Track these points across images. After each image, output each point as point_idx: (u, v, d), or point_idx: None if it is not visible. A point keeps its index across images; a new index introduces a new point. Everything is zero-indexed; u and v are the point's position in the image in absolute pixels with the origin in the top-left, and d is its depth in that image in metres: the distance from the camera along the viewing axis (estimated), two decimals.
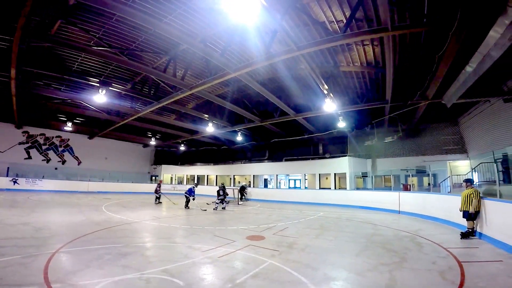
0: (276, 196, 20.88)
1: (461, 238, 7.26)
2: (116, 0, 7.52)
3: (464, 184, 7.87)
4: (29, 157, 22.71)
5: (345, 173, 18.86)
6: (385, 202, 14.66)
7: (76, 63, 13.21)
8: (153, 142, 27.13)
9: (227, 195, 15.46)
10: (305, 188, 22.48)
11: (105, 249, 5.43)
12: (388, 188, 16.73)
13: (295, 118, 16.83)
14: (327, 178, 21.06)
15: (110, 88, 14.10)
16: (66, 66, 13.17)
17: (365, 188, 18.68)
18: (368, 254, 5.86)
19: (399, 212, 13.60)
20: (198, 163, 30.16)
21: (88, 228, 7.63)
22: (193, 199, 14.59)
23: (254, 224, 9.91)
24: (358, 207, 15.92)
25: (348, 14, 8.65)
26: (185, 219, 10.94)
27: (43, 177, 21.82)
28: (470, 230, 7.27)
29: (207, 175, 29.19)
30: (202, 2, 8.63)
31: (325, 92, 12.59)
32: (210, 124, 18.75)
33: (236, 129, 20.50)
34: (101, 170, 26.66)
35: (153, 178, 31.03)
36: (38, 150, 23.31)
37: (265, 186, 26.19)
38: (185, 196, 14.62)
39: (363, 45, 10.84)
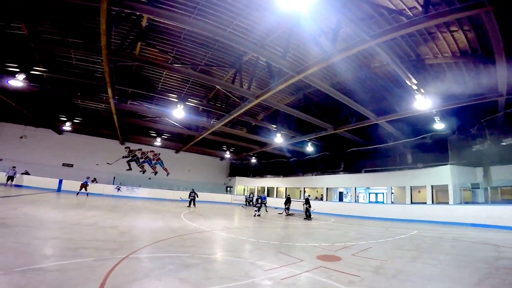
0: (354, 211, 18.77)
1: None
2: (181, 13, 7.99)
3: None
4: (130, 169, 26.99)
5: (446, 185, 15.48)
6: (509, 219, 11.51)
7: (160, 83, 14.94)
8: (227, 155, 28.85)
9: (262, 204, 16.71)
10: (392, 202, 19.46)
11: (170, 258, 5.36)
12: None
13: (377, 122, 14.76)
14: (419, 192, 17.75)
15: (188, 103, 15.40)
16: (152, 86, 14.98)
17: (475, 202, 14.91)
18: (495, 284, 4.32)
19: None
20: (268, 175, 30.27)
21: (164, 235, 7.93)
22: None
23: (327, 241, 8.70)
24: (465, 225, 12.95)
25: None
26: (253, 231, 10.55)
27: (139, 186, 25.29)
28: None
29: (277, 187, 29.04)
30: (259, 7, 8.50)
31: (414, 87, 10.58)
32: (279, 135, 18.34)
33: (305, 139, 19.52)
34: (185, 180, 29.43)
35: (228, 188, 32.61)
36: (136, 163, 27.54)
37: (340, 199, 24.02)
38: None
39: (451, 31, 8.84)
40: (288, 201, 17.72)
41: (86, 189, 20.01)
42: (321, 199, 23.31)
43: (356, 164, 21.88)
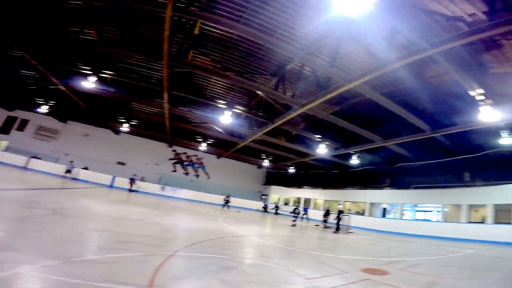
0: (398, 228, 17.83)
1: None
2: (230, 18, 8.29)
3: None
4: (175, 170, 28.41)
5: (510, 204, 13.72)
6: None
7: (207, 90, 15.65)
8: (266, 163, 28.70)
9: (298, 214, 17.03)
10: (444, 221, 17.73)
11: (211, 259, 5.49)
12: None
13: (433, 135, 13.49)
14: (476, 211, 15.92)
15: (234, 110, 15.83)
16: (201, 93, 15.72)
17: None
18: None
19: None
20: (305, 186, 29.60)
21: (204, 235, 8.20)
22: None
23: (371, 255, 8.30)
24: None
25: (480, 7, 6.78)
26: (289, 240, 10.43)
27: (181, 187, 26.57)
28: None
29: (314, 199, 28.18)
30: (310, 12, 8.45)
31: (480, 98, 9.55)
32: (322, 146, 17.77)
33: (350, 151, 18.63)
34: (223, 185, 30.18)
35: (263, 196, 32.59)
36: (181, 165, 28.94)
37: (383, 215, 22.51)
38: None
39: None
40: (327, 213, 17.12)
41: (132, 186, 22.10)
42: (362, 214, 22.11)
43: (404, 180, 20.35)
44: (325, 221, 16.87)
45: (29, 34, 11.40)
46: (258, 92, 13.06)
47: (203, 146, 25.82)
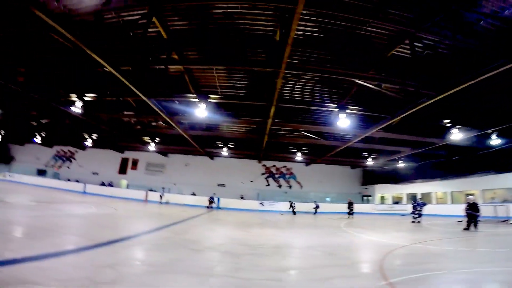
0: None
1: None
2: None
3: None
4: (268, 184, 29.03)
5: None
6: None
7: (294, 95, 14.39)
8: (369, 162, 25.21)
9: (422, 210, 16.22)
10: None
11: (434, 278, 4.62)
12: None
13: None
14: None
15: (329, 110, 14.30)
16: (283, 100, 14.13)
17: None
18: None
19: None
20: (418, 180, 25.53)
21: (371, 255, 7.35)
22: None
23: None
24: None
25: None
26: (450, 241, 9.24)
27: (278, 200, 26.47)
28: None
29: (435, 193, 24.25)
30: None
31: None
32: (455, 130, 14.37)
33: (488, 131, 14.94)
34: (318, 192, 29.15)
35: (364, 198, 30.14)
36: (273, 178, 29.38)
37: None
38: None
39: None
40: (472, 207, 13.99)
41: (210, 203, 23.26)
42: None
43: None
44: (476, 216, 13.71)
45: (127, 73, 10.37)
46: (358, 82, 10.68)
47: (296, 156, 24.46)
